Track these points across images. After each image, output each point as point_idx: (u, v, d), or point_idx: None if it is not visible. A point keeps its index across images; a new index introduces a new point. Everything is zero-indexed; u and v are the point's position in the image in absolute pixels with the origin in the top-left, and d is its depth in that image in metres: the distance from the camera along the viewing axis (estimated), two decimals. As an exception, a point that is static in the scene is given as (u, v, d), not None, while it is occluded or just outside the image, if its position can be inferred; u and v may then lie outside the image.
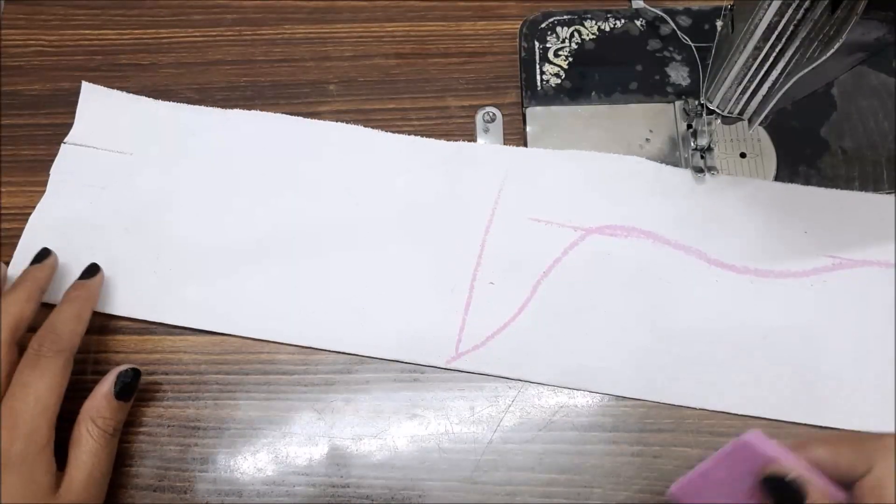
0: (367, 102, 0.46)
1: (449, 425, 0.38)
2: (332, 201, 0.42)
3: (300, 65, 0.47)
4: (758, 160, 0.43)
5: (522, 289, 0.40)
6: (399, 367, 0.39)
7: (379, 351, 0.39)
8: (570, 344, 0.38)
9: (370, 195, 0.42)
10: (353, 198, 0.42)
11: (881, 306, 0.38)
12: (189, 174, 0.43)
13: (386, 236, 0.41)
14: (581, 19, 0.47)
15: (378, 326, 0.39)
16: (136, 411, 0.38)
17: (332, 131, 0.44)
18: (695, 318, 0.39)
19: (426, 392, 0.38)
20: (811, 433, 0.36)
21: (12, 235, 0.43)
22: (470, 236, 0.41)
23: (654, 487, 0.36)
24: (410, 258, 0.41)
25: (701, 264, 0.40)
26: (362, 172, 0.43)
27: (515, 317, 0.39)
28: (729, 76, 0.35)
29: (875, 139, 0.43)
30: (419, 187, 0.42)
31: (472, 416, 0.38)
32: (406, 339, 0.39)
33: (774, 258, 0.39)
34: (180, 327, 0.40)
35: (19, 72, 0.47)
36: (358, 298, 0.40)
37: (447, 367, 0.38)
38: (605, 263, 0.40)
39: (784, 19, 0.30)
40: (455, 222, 0.41)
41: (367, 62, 0.47)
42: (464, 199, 0.42)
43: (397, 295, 0.40)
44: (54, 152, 0.45)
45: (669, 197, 0.41)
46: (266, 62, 0.47)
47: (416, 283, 0.40)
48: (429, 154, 0.43)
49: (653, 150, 0.43)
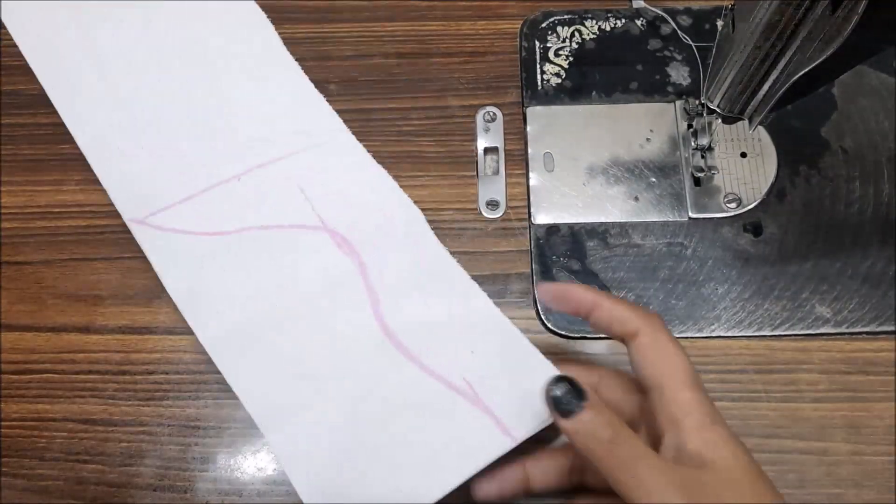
0: (368, 102, 0.46)
1: (449, 425, 0.38)
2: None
3: (301, 64, 0.47)
4: (758, 160, 0.43)
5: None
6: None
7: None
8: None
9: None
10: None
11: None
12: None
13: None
14: (581, 19, 0.47)
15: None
16: (136, 411, 0.38)
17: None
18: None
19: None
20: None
21: (12, 235, 0.43)
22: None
23: (654, 487, 0.36)
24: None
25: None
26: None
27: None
28: (729, 76, 0.35)
29: (875, 139, 0.43)
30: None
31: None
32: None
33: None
34: (180, 327, 0.40)
35: (19, 72, 0.47)
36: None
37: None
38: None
39: (784, 19, 0.30)
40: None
41: (367, 62, 0.47)
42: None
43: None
44: (54, 152, 0.45)
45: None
46: (266, 62, 0.47)
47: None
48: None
49: (653, 150, 0.43)
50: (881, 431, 0.37)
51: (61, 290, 0.42)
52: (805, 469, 0.36)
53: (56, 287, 0.42)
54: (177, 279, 0.39)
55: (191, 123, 0.43)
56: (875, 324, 0.39)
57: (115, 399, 0.39)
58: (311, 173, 0.41)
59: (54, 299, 0.41)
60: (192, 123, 0.43)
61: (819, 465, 0.36)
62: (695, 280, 0.41)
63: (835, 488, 0.36)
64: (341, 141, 0.43)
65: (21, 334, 0.41)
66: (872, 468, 0.36)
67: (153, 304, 0.41)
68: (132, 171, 0.42)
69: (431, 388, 0.35)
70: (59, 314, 0.41)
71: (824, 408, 0.37)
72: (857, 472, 0.36)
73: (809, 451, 0.37)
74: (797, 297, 0.40)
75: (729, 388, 0.38)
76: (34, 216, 0.44)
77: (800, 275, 0.40)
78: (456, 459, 0.33)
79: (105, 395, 0.39)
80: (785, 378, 0.38)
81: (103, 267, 0.42)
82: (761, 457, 0.36)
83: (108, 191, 0.41)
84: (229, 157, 0.41)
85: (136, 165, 0.42)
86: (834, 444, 0.37)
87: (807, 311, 0.40)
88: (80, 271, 0.42)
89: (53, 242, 0.43)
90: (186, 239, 0.39)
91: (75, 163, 0.45)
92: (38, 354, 0.40)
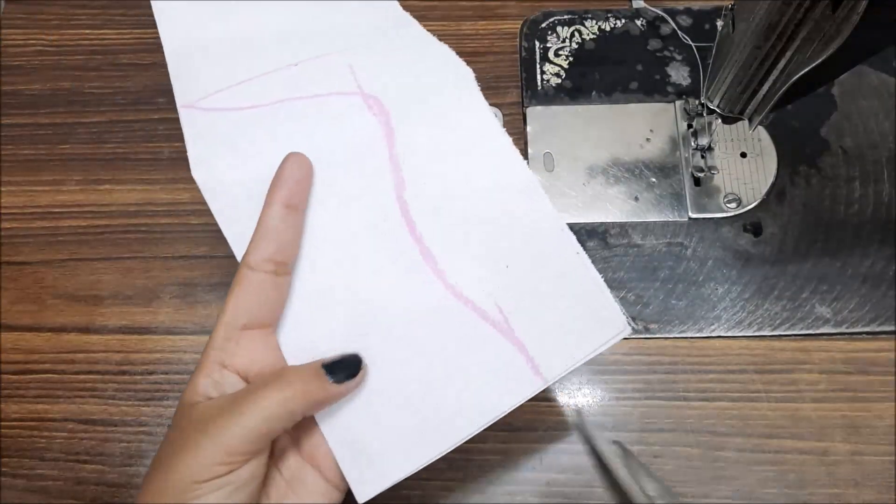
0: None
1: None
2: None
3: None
4: (758, 160, 0.43)
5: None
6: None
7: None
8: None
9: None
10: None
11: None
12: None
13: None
14: (581, 19, 0.47)
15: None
16: (136, 411, 0.38)
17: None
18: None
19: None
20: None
21: (12, 235, 0.43)
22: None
23: (654, 487, 0.36)
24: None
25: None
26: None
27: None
28: (729, 76, 0.35)
29: (875, 139, 0.43)
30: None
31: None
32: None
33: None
34: (180, 327, 0.40)
35: (19, 72, 0.47)
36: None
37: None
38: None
39: (784, 19, 0.30)
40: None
41: (367, 62, 0.47)
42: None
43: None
44: (54, 152, 0.45)
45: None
46: (266, 62, 0.47)
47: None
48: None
49: (653, 150, 0.43)
50: (881, 431, 0.37)
51: (61, 290, 0.42)
52: (805, 469, 0.36)
53: (56, 287, 0.42)
54: (199, 156, 0.34)
55: (271, 24, 0.40)
56: (875, 324, 0.39)
57: (115, 399, 0.39)
58: (367, 54, 0.37)
59: (54, 299, 0.41)
60: (271, 24, 0.40)
61: (819, 465, 0.36)
62: (695, 280, 0.41)
63: (835, 488, 0.36)
64: (408, 29, 0.38)
65: (21, 334, 0.41)
66: (872, 468, 0.36)
67: (153, 304, 0.41)
68: (199, 57, 0.38)
69: (457, 314, 0.30)
70: (59, 314, 0.41)
71: (824, 408, 0.37)
72: (857, 472, 0.36)
73: (809, 451, 0.37)
74: (797, 297, 0.40)
75: (729, 388, 0.38)
76: (34, 216, 0.44)
77: (800, 275, 0.40)
78: (478, 399, 0.29)
79: (105, 396, 0.39)
80: (785, 378, 0.38)
81: (103, 267, 0.42)
82: (761, 457, 0.37)
83: (171, 76, 0.38)
84: (297, 46, 0.38)
85: (204, 53, 0.38)
86: (834, 444, 0.37)
87: (807, 311, 0.40)
88: (80, 271, 0.42)
89: (53, 242, 0.43)
90: (224, 115, 0.36)
91: (75, 163, 0.45)
92: (38, 354, 0.40)
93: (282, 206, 0.29)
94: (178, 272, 0.42)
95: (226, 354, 0.27)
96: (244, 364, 0.27)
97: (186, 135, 0.35)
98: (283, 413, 0.26)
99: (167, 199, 0.44)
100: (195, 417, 0.26)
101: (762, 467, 0.36)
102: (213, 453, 0.25)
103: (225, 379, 0.27)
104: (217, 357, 0.27)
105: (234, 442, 0.25)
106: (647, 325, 0.40)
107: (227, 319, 0.27)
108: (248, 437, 0.25)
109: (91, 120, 0.46)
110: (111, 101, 0.46)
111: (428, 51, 0.36)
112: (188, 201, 0.44)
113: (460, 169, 0.32)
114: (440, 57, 0.36)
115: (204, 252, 0.42)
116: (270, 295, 0.28)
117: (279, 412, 0.26)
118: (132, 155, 0.45)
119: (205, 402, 0.26)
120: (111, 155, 0.45)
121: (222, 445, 0.25)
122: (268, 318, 0.28)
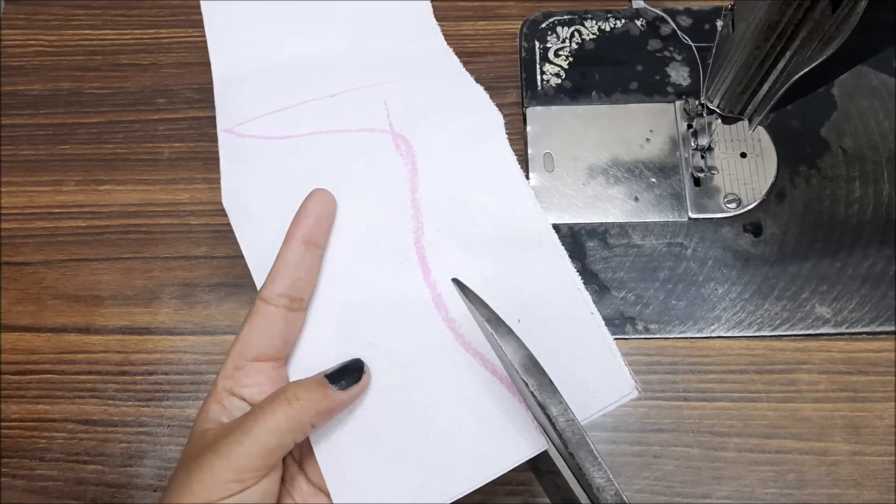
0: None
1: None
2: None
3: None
4: (758, 160, 0.43)
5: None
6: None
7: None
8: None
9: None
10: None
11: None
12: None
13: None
14: (581, 19, 0.47)
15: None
16: (136, 411, 0.38)
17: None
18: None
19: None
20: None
21: (12, 235, 0.43)
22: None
23: (653, 487, 0.36)
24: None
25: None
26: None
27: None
28: (729, 76, 0.35)
29: (875, 139, 0.43)
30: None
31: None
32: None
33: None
34: (180, 327, 0.40)
35: (19, 72, 0.47)
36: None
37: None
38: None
39: (784, 19, 0.30)
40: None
41: (367, 62, 0.47)
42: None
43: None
44: (54, 152, 0.45)
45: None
46: (266, 62, 0.47)
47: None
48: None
49: (653, 150, 0.43)
50: (881, 431, 0.37)
51: (61, 291, 0.42)
52: (805, 469, 0.36)
53: (56, 287, 0.42)
54: (231, 180, 0.35)
55: (314, 54, 0.40)
56: (875, 324, 0.39)
57: (115, 399, 0.39)
58: (402, 91, 0.37)
59: (54, 300, 0.41)
60: (315, 55, 0.40)
61: (819, 465, 0.36)
62: (695, 280, 0.41)
63: (835, 488, 0.36)
64: (445, 66, 0.38)
65: (21, 335, 0.41)
66: (872, 468, 0.36)
67: (153, 304, 0.41)
68: (243, 86, 0.39)
69: (464, 365, 0.30)
70: (59, 315, 0.41)
71: (824, 408, 0.37)
72: (857, 472, 0.36)
73: (809, 451, 0.37)
74: (797, 297, 0.40)
75: (729, 388, 0.38)
76: (34, 216, 0.44)
77: (800, 275, 0.40)
78: (481, 453, 0.29)
79: (105, 396, 0.39)
80: (785, 378, 0.38)
81: (103, 267, 0.42)
82: (761, 457, 0.37)
83: (216, 100, 0.38)
84: (339, 75, 0.39)
85: (249, 81, 0.39)
86: (834, 444, 0.37)
87: (807, 311, 0.40)
88: (80, 271, 0.42)
89: (53, 243, 0.43)
90: (259, 143, 0.36)
91: (75, 163, 0.45)
92: (38, 355, 0.40)
93: (301, 242, 0.29)
94: (178, 272, 0.42)
95: (235, 383, 0.28)
96: (252, 393, 0.28)
97: (222, 159, 0.36)
98: (291, 426, 0.26)
99: (167, 200, 0.44)
100: (207, 441, 0.26)
101: (762, 467, 0.36)
102: (226, 472, 0.25)
103: (234, 405, 0.28)
104: (226, 385, 0.28)
105: (244, 459, 0.25)
106: (647, 325, 0.40)
107: (238, 350, 0.28)
108: (258, 453, 0.25)
109: (91, 120, 0.46)
110: (111, 102, 0.46)
111: (461, 91, 0.36)
112: (188, 201, 0.44)
113: (479, 218, 0.32)
114: (473, 99, 0.36)
115: (204, 252, 0.42)
116: (282, 330, 0.29)
117: (287, 426, 0.26)
118: (132, 155, 0.45)
119: (215, 427, 0.27)
120: (111, 155, 0.45)
121: (234, 463, 0.25)
122: (277, 353, 0.29)
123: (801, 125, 0.43)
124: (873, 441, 0.37)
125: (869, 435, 0.37)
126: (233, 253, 0.42)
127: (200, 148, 0.45)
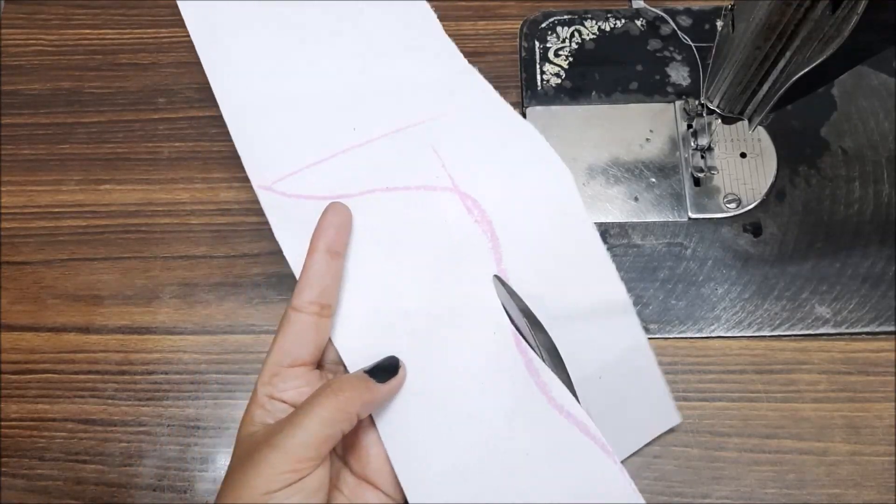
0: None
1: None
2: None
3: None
4: (758, 160, 0.43)
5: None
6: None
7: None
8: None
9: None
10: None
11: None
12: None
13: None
14: (581, 19, 0.47)
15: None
16: (136, 411, 0.38)
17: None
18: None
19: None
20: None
21: (12, 235, 0.43)
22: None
23: (653, 487, 0.36)
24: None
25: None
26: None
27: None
28: (729, 76, 0.35)
29: (875, 139, 0.43)
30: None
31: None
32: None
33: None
34: (180, 327, 0.40)
35: (19, 72, 0.47)
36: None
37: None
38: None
39: (784, 19, 0.30)
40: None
41: (367, 62, 0.47)
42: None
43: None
44: (54, 152, 0.45)
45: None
46: (266, 62, 0.47)
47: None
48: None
49: (653, 150, 0.43)
50: (881, 431, 0.37)
51: (61, 290, 0.42)
52: (805, 469, 0.36)
53: (56, 287, 0.42)
54: (295, 248, 0.34)
55: (331, 90, 0.39)
56: (875, 324, 0.39)
57: (115, 399, 0.39)
58: (446, 134, 0.37)
59: (54, 299, 0.41)
60: (332, 90, 0.39)
61: (819, 465, 0.36)
62: (695, 280, 0.41)
63: (835, 488, 0.36)
64: (486, 99, 0.38)
65: (21, 334, 0.41)
66: (872, 468, 0.36)
67: (153, 304, 0.41)
68: (267, 136, 0.38)
69: (563, 429, 0.30)
70: (59, 314, 0.41)
71: (824, 408, 0.38)
72: (856, 472, 0.36)
73: (809, 451, 0.37)
74: (797, 297, 0.40)
75: (729, 388, 0.38)
76: (34, 216, 0.44)
77: (800, 275, 0.40)
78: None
79: (105, 395, 0.39)
80: (785, 378, 0.38)
81: (103, 267, 0.42)
82: (761, 457, 0.37)
83: (241, 156, 0.37)
84: (365, 121, 0.38)
85: (271, 130, 0.38)
86: (834, 444, 0.37)
87: (807, 311, 0.40)
88: (79, 271, 0.42)
89: (53, 242, 0.43)
90: (306, 204, 0.35)
91: (75, 162, 0.45)
92: (37, 354, 0.40)
93: (325, 252, 0.31)
94: (177, 272, 0.42)
95: (274, 388, 0.29)
96: (291, 396, 0.29)
97: (270, 219, 0.35)
98: (340, 417, 0.27)
99: (167, 199, 0.44)
100: (257, 440, 0.28)
101: (762, 467, 0.36)
102: (283, 462, 0.26)
103: (276, 407, 0.29)
104: (266, 391, 0.29)
105: (300, 450, 0.26)
106: (647, 325, 0.40)
107: (274, 359, 0.30)
108: (312, 443, 0.27)
109: (90, 120, 0.46)
110: (111, 101, 0.46)
111: (510, 128, 0.37)
112: (188, 201, 0.44)
113: (563, 287, 0.34)
114: (529, 144, 0.36)
115: (204, 252, 0.42)
116: (314, 336, 0.30)
117: (336, 416, 0.27)
118: (132, 155, 0.45)
119: (262, 428, 0.28)
120: (111, 155, 0.45)
121: (290, 454, 0.26)
122: (311, 357, 0.30)
123: (801, 125, 0.43)
124: (873, 441, 0.37)
125: (869, 435, 0.37)
126: (233, 253, 0.42)
127: (200, 148, 0.45)
